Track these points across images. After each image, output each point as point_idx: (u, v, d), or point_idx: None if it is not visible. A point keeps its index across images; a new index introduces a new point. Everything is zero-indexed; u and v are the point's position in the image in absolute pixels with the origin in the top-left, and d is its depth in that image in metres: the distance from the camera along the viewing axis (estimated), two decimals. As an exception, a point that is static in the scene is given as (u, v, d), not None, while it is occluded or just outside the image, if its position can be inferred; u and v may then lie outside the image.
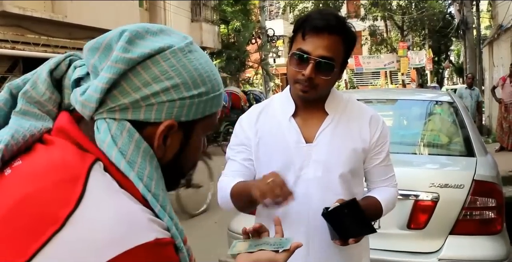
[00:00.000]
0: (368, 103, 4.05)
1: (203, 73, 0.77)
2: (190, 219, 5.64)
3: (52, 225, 0.64)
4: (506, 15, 12.32)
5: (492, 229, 2.75)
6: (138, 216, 0.68)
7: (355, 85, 32.80)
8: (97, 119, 0.74)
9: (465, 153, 3.17)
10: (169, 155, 0.79)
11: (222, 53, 20.13)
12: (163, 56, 0.73)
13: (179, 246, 0.73)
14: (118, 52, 0.71)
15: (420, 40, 34.98)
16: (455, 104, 3.64)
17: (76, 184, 0.68)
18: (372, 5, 29.49)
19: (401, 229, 2.78)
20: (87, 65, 0.77)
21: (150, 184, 0.74)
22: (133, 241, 0.65)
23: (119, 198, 0.69)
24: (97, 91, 0.71)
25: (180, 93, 0.75)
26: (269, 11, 32.90)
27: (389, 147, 1.71)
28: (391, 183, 1.73)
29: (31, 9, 10.01)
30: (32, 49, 9.86)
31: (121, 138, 0.73)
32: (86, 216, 0.65)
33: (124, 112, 0.73)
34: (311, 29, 1.48)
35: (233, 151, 1.71)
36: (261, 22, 22.50)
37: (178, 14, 16.52)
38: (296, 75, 1.52)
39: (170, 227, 0.73)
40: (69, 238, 0.63)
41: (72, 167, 0.70)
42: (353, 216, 1.47)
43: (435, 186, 2.74)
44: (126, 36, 0.72)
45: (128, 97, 0.73)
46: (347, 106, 1.66)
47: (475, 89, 10.67)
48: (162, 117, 0.75)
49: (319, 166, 1.57)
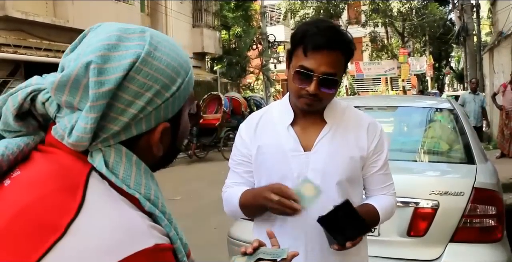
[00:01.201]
0: (369, 110, 4.06)
1: (174, 64, 0.77)
2: (190, 225, 5.64)
3: (54, 233, 0.64)
4: (507, 22, 12.35)
5: (492, 237, 2.75)
6: (137, 223, 0.69)
7: (356, 92, 32.85)
8: (91, 150, 0.74)
9: (465, 160, 3.17)
10: (165, 148, 0.81)
11: (223, 58, 20.18)
12: (136, 70, 0.72)
13: (182, 260, 0.74)
14: (94, 90, 0.69)
15: (420, 46, 35.07)
16: (455, 112, 3.64)
17: (75, 192, 0.68)
18: (373, 11, 29.61)
19: (401, 237, 2.78)
20: (58, 102, 0.75)
21: (149, 193, 0.75)
22: (133, 248, 0.65)
23: (118, 205, 0.70)
24: (86, 132, 0.71)
25: (162, 97, 0.75)
26: (270, 17, 33.02)
27: (388, 154, 1.71)
28: (389, 191, 1.73)
29: (33, 14, 10.06)
30: (34, 53, 9.89)
31: (122, 164, 0.74)
32: (86, 224, 0.66)
33: (117, 137, 0.74)
34: (313, 47, 1.48)
35: (234, 162, 1.74)
36: (262, 28, 22.56)
37: (179, 19, 16.58)
38: (300, 91, 1.54)
39: (169, 231, 0.74)
40: (71, 246, 0.64)
41: (71, 175, 0.71)
42: (347, 217, 1.48)
43: (435, 194, 2.73)
44: (95, 69, 0.70)
45: (118, 123, 0.73)
46: (345, 114, 1.67)
47: (480, 95, 10.57)
48: (152, 124, 0.76)
49: (317, 174, 1.58)
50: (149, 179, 0.77)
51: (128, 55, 0.72)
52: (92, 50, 0.72)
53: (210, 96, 13.75)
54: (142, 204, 0.73)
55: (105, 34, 0.74)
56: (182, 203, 7.02)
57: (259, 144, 1.66)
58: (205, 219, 5.95)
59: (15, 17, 9.75)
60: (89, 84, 0.70)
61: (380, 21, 29.98)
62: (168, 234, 0.73)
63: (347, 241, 1.48)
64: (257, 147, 1.66)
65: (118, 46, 0.73)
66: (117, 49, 0.72)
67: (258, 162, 1.66)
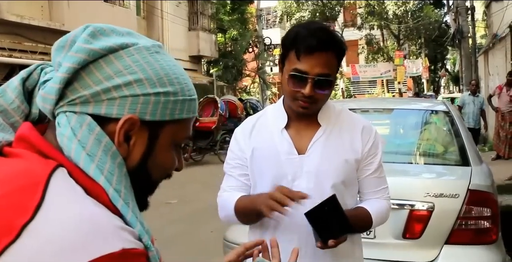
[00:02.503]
0: (365, 113, 4.07)
1: (171, 74, 0.76)
2: (186, 228, 5.63)
3: (7, 235, 0.60)
4: (501, 24, 12.42)
5: (487, 239, 2.75)
6: (103, 223, 0.63)
7: (352, 94, 32.90)
8: (57, 114, 0.72)
9: (460, 162, 3.18)
10: (135, 157, 0.75)
11: (219, 61, 20.20)
12: (127, 51, 0.73)
13: (147, 244, 0.69)
14: (80, 43, 0.71)
15: (416, 49, 35.16)
16: (450, 114, 3.65)
17: (35, 191, 0.64)
18: (369, 14, 29.67)
19: (396, 239, 2.78)
20: (53, 64, 0.75)
21: (111, 179, 0.70)
22: (97, 251, 0.60)
23: (82, 204, 0.65)
24: (57, 82, 0.70)
25: (144, 88, 0.72)
26: (266, 20, 33.07)
27: (382, 158, 1.70)
28: (383, 195, 1.71)
29: (28, 17, 10.05)
30: (29, 57, 9.87)
31: (81, 130, 0.70)
32: (44, 225, 0.61)
33: (84, 106, 0.71)
34: (305, 50, 1.49)
35: (229, 166, 1.73)
36: (258, 31, 22.62)
37: (175, 23, 16.59)
38: (295, 94, 1.54)
39: (133, 223, 0.69)
40: (25, 250, 0.59)
41: (33, 174, 0.66)
42: (332, 213, 1.47)
43: (430, 196, 2.74)
44: (89, 30, 0.72)
45: (89, 90, 0.71)
46: (339, 117, 1.67)
47: (479, 96, 10.48)
48: (124, 113, 0.72)
49: (311, 177, 1.58)
50: (108, 155, 0.71)
51: (127, 40, 0.74)
52: (102, 24, 0.75)
53: (206, 99, 13.74)
54: (97, 180, 0.68)
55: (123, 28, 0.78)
56: (178, 206, 7.00)
57: (253, 147, 1.66)
58: (202, 222, 5.94)
59: (10, 21, 9.74)
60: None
61: (376, 24, 30.03)
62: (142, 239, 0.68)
63: (330, 239, 1.46)
64: (252, 150, 1.66)
65: (122, 35, 0.76)
66: (119, 35, 0.75)
67: (253, 165, 1.66)
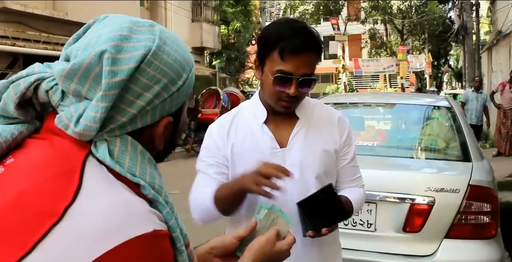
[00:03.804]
0: (367, 107, 4.08)
1: (181, 59, 0.78)
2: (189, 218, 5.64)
3: (50, 218, 0.64)
4: (506, 21, 12.38)
5: (486, 234, 2.78)
6: (136, 207, 0.69)
7: (354, 88, 32.84)
8: (96, 141, 0.74)
9: (461, 157, 3.19)
10: (165, 141, 0.82)
11: (222, 53, 20.16)
12: (147, 62, 0.73)
13: (180, 249, 0.74)
14: (107, 79, 0.70)
15: (419, 44, 35.06)
16: (452, 110, 3.66)
17: (72, 177, 0.68)
18: (373, 8, 29.56)
19: (397, 232, 2.80)
20: (66, 90, 0.74)
21: (155, 186, 0.76)
22: (132, 232, 0.65)
23: (117, 190, 0.70)
24: (96, 121, 0.71)
25: (169, 91, 0.76)
26: (270, 13, 32.94)
27: (355, 148, 1.76)
28: (359, 183, 1.78)
29: (32, 6, 10.03)
30: (33, 46, 9.88)
31: (127, 153, 0.74)
32: (84, 208, 0.66)
33: (123, 128, 0.75)
34: (291, 51, 1.49)
35: (204, 163, 1.68)
36: (262, 23, 22.55)
37: (178, 14, 16.54)
38: (280, 94, 1.55)
39: (169, 220, 0.74)
40: (68, 231, 0.64)
41: (66, 160, 0.71)
42: (328, 202, 1.48)
43: (431, 190, 2.76)
44: (109, 58, 0.70)
45: (126, 114, 0.73)
46: (315, 110, 1.70)
47: (483, 93, 10.40)
48: (157, 117, 0.77)
49: (295, 170, 1.58)
50: (153, 169, 0.77)
51: (139, 47, 0.73)
52: (105, 40, 0.72)
53: (209, 91, 13.74)
54: (145, 192, 0.74)
55: (116, 25, 0.75)
56: (180, 196, 6.97)
57: (233, 144, 1.64)
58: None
59: (14, 9, 9.72)
60: (101, 73, 0.70)
61: (380, 18, 29.93)
62: (168, 222, 0.73)
63: (323, 227, 1.48)
64: (232, 147, 1.64)
65: (130, 37, 0.74)
66: (129, 40, 0.73)
67: (235, 162, 1.64)
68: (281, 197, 1.47)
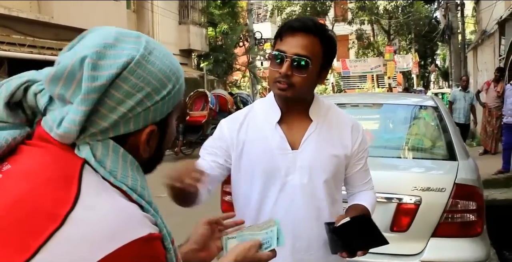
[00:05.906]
0: (355, 107, 4.10)
1: (166, 70, 0.80)
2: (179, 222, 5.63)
3: (52, 223, 0.67)
4: (490, 20, 12.53)
5: (472, 232, 2.81)
6: (132, 212, 0.73)
7: (342, 89, 32.98)
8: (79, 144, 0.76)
9: (447, 156, 3.23)
10: (152, 151, 0.84)
11: (209, 55, 20.10)
12: (130, 70, 0.75)
13: (168, 247, 0.77)
14: (87, 83, 0.72)
15: (406, 44, 35.32)
16: (439, 109, 3.70)
17: (70, 183, 0.71)
18: (359, 9, 29.73)
19: (384, 232, 2.77)
20: (51, 94, 0.77)
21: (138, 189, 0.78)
22: (130, 236, 0.69)
23: (112, 196, 0.74)
24: (76, 124, 0.73)
25: (152, 99, 0.78)
26: (257, 14, 32.97)
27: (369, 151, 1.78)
28: (370, 185, 1.80)
29: (17, 9, 9.92)
30: (18, 50, 9.77)
31: (109, 157, 0.76)
32: (85, 214, 0.69)
33: (105, 133, 0.77)
34: (287, 30, 1.55)
35: (205, 151, 1.70)
36: (249, 25, 22.53)
37: (165, 16, 16.48)
38: (274, 75, 1.57)
39: (155, 219, 0.77)
40: (70, 235, 0.67)
41: (64, 167, 0.74)
42: (365, 230, 1.52)
43: (417, 189, 2.79)
44: (89, 63, 0.73)
45: (108, 120, 0.75)
46: (328, 113, 1.70)
47: (470, 92, 10.46)
48: (140, 125, 0.79)
49: (304, 172, 1.60)
50: (135, 171, 0.79)
51: (123, 55, 0.76)
52: (88, 46, 0.75)
53: (197, 93, 13.70)
54: (132, 196, 0.76)
55: (103, 34, 0.78)
56: (169, 199, 6.99)
57: (244, 143, 1.65)
58: (194, 216, 5.86)
59: (-2, 13, 9.62)
60: (82, 78, 0.73)
61: (366, 19, 30.11)
62: (156, 222, 0.76)
63: (359, 251, 1.52)
64: (242, 146, 1.65)
65: (115, 45, 0.76)
66: (113, 48, 0.76)
67: (243, 160, 1.66)
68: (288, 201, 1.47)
